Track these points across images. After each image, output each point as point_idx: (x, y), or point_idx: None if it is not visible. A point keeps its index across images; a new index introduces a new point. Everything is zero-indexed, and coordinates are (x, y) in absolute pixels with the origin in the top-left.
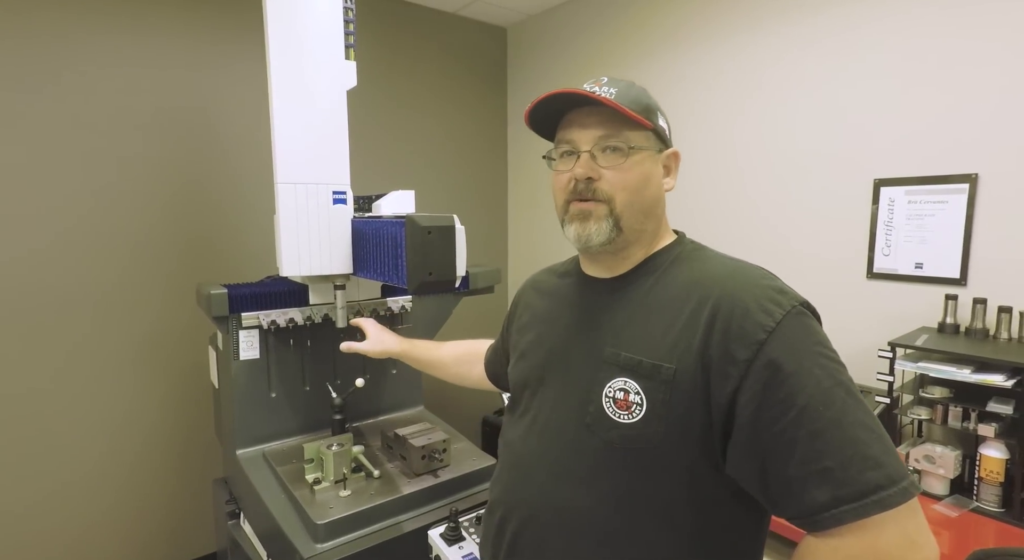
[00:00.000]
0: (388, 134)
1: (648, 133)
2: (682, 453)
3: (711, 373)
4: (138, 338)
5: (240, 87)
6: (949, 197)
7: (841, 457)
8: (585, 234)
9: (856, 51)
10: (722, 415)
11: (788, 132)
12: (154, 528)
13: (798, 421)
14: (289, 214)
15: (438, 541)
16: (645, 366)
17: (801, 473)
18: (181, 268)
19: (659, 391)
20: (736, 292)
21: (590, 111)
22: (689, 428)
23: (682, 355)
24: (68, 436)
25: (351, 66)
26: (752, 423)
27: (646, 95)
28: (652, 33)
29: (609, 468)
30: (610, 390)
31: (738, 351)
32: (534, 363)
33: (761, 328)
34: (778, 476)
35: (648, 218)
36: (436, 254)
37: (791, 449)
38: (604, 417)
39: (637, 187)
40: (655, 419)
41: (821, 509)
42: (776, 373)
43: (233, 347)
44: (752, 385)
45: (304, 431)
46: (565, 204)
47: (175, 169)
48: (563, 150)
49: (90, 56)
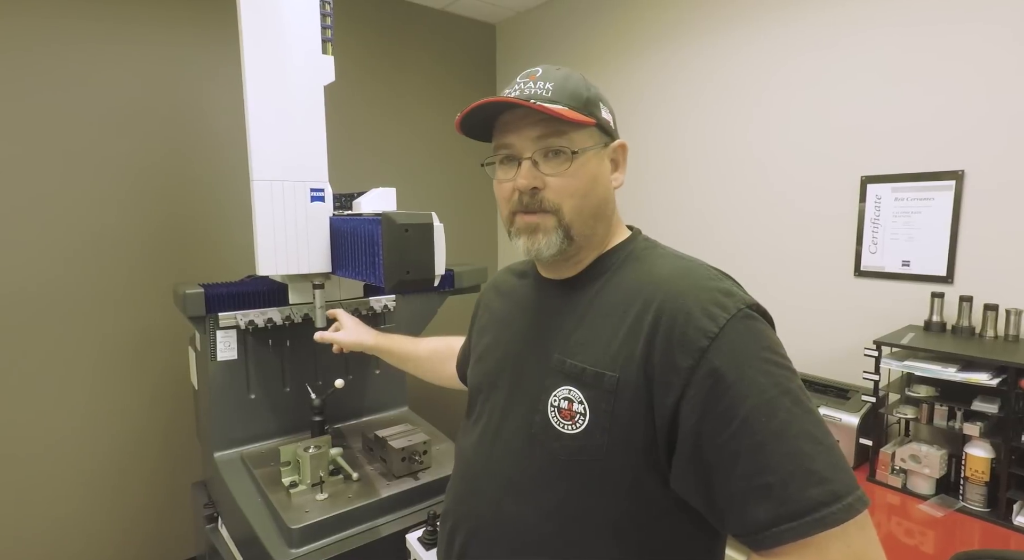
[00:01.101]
0: (373, 132)
1: (592, 130)
2: (626, 466)
3: (654, 383)
4: (119, 339)
5: (220, 84)
6: (935, 194)
7: (782, 472)
8: (535, 248)
9: (843, 48)
10: (665, 426)
11: (774, 129)
12: (133, 532)
13: (739, 434)
14: (265, 212)
15: (416, 545)
16: (589, 374)
17: (742, 488)
18: (163, 268)
19: (602, 401)
20: (680, 295)
21: (525, 111)
22: (633, 440)
23: (625, 363)
24: (45, 438)
25: (328, 61)
26: (695, 435)
27: (585, 86)
28: (642, 31)
29: (553, 481)
30: (555, 399)
31: (680, 359)
32: (488, 367)
33: (703, 334)
34: (721, 491)
35: (598, 221)
36: (414, 252)
37: (733, 463)
38: (549, 427)
39: (585, 192)
40: (598, 430)
41: (761, 528)
42: (718, 382)
43: (210, 348)
44: (694, 395)
45: (284, 433)
46: (511, 216)
47: (156, 168)
48: (502, 155)
49: (66, 54)
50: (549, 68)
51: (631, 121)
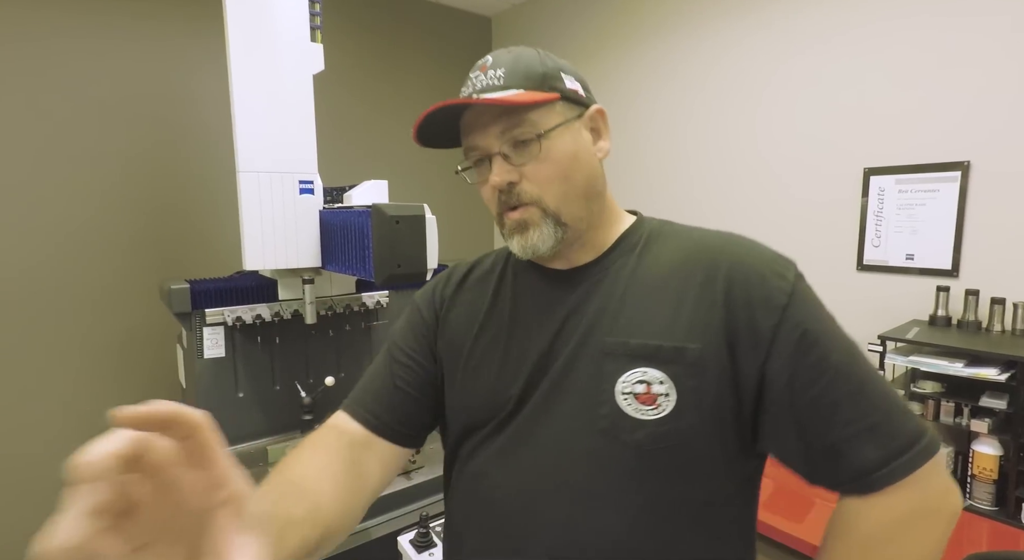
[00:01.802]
0: (366, 126)
1: (557, 105)
2: (717, 442)
3: (737, 348)
4: (105, 337)
5: (207, 75)
6: (940, 186)
7: (882, 411)
8: (530, 245)
9: (846, 39)
10: (752, 390)
11: (776, 122)
12: None
13: (836, 381)
14: (252, 204)
15: (408, 548)
16: (666, 350)
17: (848, 433)
18: (151, 264)
19: (688, 376)
20: (743, 260)
21: (483, 107)
22: (722, 412)
23: (704, 333)
24: (28, 439)
25: (318, 49)
26: (788, 392)
27: (539, 61)
28: (642, 22)
29: (639, 477)
30: (625, 385)
31: (763, 319)
32: (506, 377)
33: (781, 292)
34: (821, 442)
35: (590, 200)
36: (405, 245)
37: (833, 412)
38: (624, 417)
39: (565, 174)
40: (688, 409)
41: (874, 467)
42: (804, 336)
43: (197, 345)
44: (782, 352)
45: (274, 432)
46: (499, 217)
47: (142, 161)
48: (474, 158)
49: (46, 45)
50: (499, 53)
51: (630, 114)
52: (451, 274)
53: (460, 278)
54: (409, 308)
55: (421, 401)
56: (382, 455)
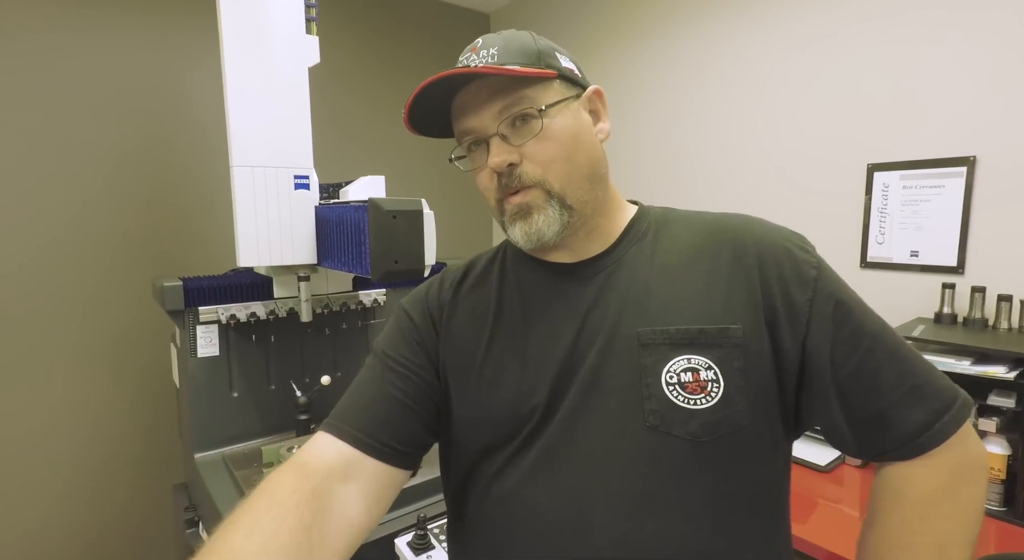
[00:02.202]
0: (363, 122)
1: (554, 83)
2: (764, 425)
3: (776, 326)
4: (97, 335)
5: (201, 70)
6: (946, 181)
7: (921, 372)
8: (535, 231)
9: (849, 33)
10: (794, 368)
11: (778, 117)
12: (111, 536)
13: (874, 348)
14: (246, 200)
15: (405, 550)
16: (709, 333)
17: (892, 399)
18: (144, 261)
19: (733, 358)
20: (767, 237)
21: (478, 87)
22: (767, 393)
23: (743, 312)
24: (18, 439)
25: (313, 41)
26: (830, 364)
27: (533, 40)
28: (642, 18)
29: (695, 472)
30: (671, 375)
31: (798, 294)
32: (528, 386)
33: (810, 266)
34: (867, 410)
35: (594, 182)
36: (402, 240)
37: (875, 379)
38: (675, 409)
39: (568, 153)
40: (735, 393)
41: (922, 429)
42: (838, 307)
43: (190, 344)
44: (819, 325)
45: (269, 432)
46: (498, 204)
47: (135, 157)
48: (468, 142)
49: (37, 38)
50: (489, 35)
51: (630, 111)
52: (443, 278)
53: (456, 281)
54: (395, 315)
55: (420, 415)
56: (370, 483)
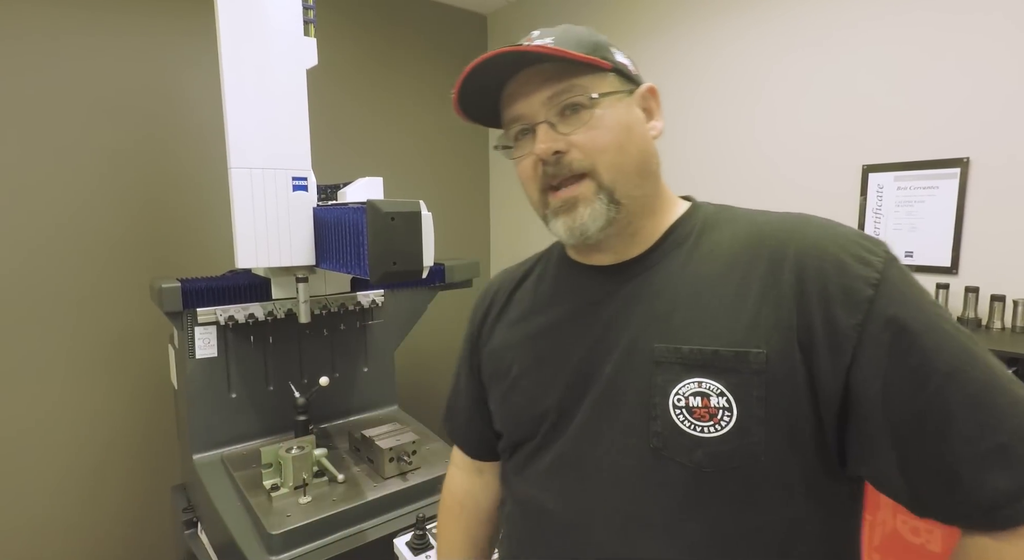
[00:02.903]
0: (361, 124)
1: (609, 75)
2: (791, 462)
3: (813, 351)
4: (95, 336)
5: (199, 71)
6: (940, 182)
7: (1013, 426)
8: (579, 225)
9: (844, 35)
10: (835, 401)
11: (775, 119)
12: (110, 537)
13: (945, 390)
14: (244, 201)
15: (404, 550)
16: (724, 356)
17: (967, 454)
18: (143, 262)
19: (752, 385)
20: (817, 244)
21: (529, 75)
22: (797, 427)
23: (769, 334)
24: (17, 440)
25: (311, 43)
26: (882, 403)
27: (591, 33)
28: (638, 20)
29: (701, 501)
30: (679, 398)
31: (844, 316)
32: (541, 390)
33: (865, 282)
34: (931, 465)
35: (644, 178)
36: (400, 242)
37: (946, 427)
38: (679, 434)
39: (619, 144)
40: (753, 424)
41: (1005, 500)
42: (900, 334)
43: (188, 345)
44: (871, 355)
45: (268, 434)
46: (542, 195)
47: (134, 158)
48: (515, 130)
49: (34, 39)
50: (547, 28)
51: None
52: (506, 278)
53: (516, 281)
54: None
55: (486, 415)
56: (490, 476)
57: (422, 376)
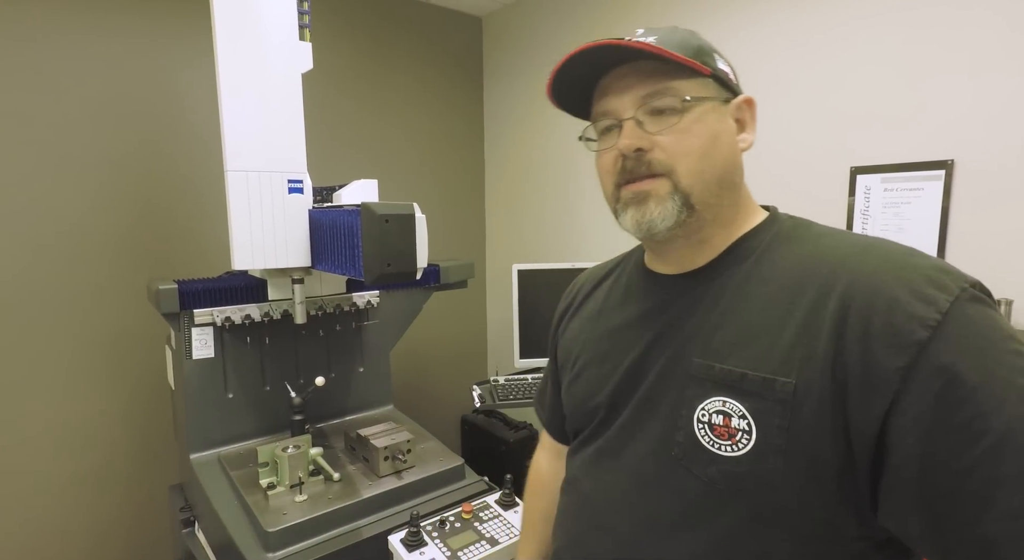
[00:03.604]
0: (356, 126)
1: (706, 81)
2: (811, 497)
3: (848, 389)
4: (92, 338)
5: (195, 73)
6: (925, 184)
7: None
8: (647, 220)
9: (832, 38)
10: (869, 445)
11: (764, 121)
12: (108, 537)
13: (998, 454)
14: (241, 204)
15: (398, 547)
16: (751, 381)
17: (1009, 531)
18: (139, 264)
19: (774, 414)
20: (874, 275)
21: (626, 70)
22: (820, 463)
23: (803, 365)
24: (15, 441)
25: (306, 47)
26: (920, 457)
27: (695, 36)
28: (632, 21)
29: (709, 515)
30: (703, 413)
31: (888, 357)
32: (595, 386)
33: (920, 323)
34: (966, 534)
35: (724, 189)
36: (394, 244)
37: (990, 494)
38: (698, 448)
39: (703, 150)
40: (770, 452)
41: None
42: (952, 385)
43: (185, 346)
44: (916, 403)
45: (264, 433)
46: (615, 189)
47: (130, 161)
48: (603, 125)
49: (30, 41)
50: (653, 27)
51: None
52: (589, 276)
53: (596, 280)
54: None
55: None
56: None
57: (417, 376)
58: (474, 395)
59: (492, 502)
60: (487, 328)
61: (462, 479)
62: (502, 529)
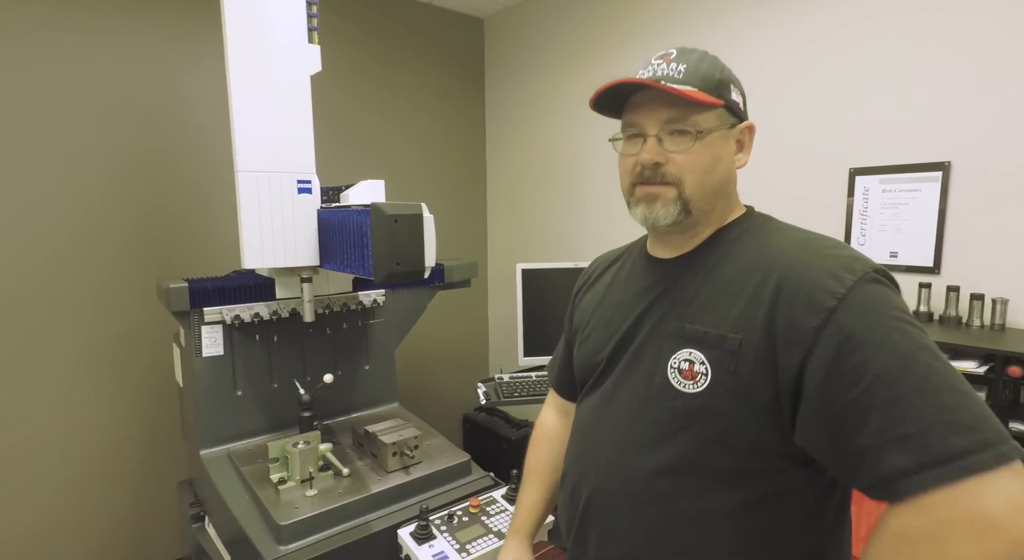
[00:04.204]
0: (361, 126)
1: (719, 111)
2: (747, 423)
3: (777, 343)
4: (101, 336)
5: (203, 75)
6: (922, 185)
7: (922, 423)
8: (652, 216)
9: (831, 41)
10: (790, 385)
11: (763, 123)
12: (118, 533)
13: (872, 388)
14: (251, 204)
15: (408, 540)
16: (710, 337)
17: (876, 441)
18: (146, 264)
19: (725, 361)
20: (803, 262)
21: (656, 96)
22: (755, 397)
23: (747, 326)
24: (26, 438)
25: (315, 50)
26: (821, 392)
27: (718, 67)
28: (632, 23)
29: (672, 437)
30: (675, 361)
31: (805, 320)
32: (599, 345)
33: (830, 295)
34: (850, 445)
35: (718, 198)
36: (403, 243)
37: (864, 417)
38: (668, 387)
39: (706, 169)
40: (720, 389)
41: (900, 475)
42: (847, 340)
43: (195, 344)
44: (821, 354)
45: (272, 430)
46: (631, 187)
47: (139, 161)
48: (629, 133)
49: (41, 43)
50: (684, 50)
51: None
52: (604, 258)
53: (609, 261)
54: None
55: (572, 364)
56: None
57: (419, 374)
58: (479, 392)
59: (498, 497)
60: (488, 327)
61: (468, 475)
62: (509, 523)
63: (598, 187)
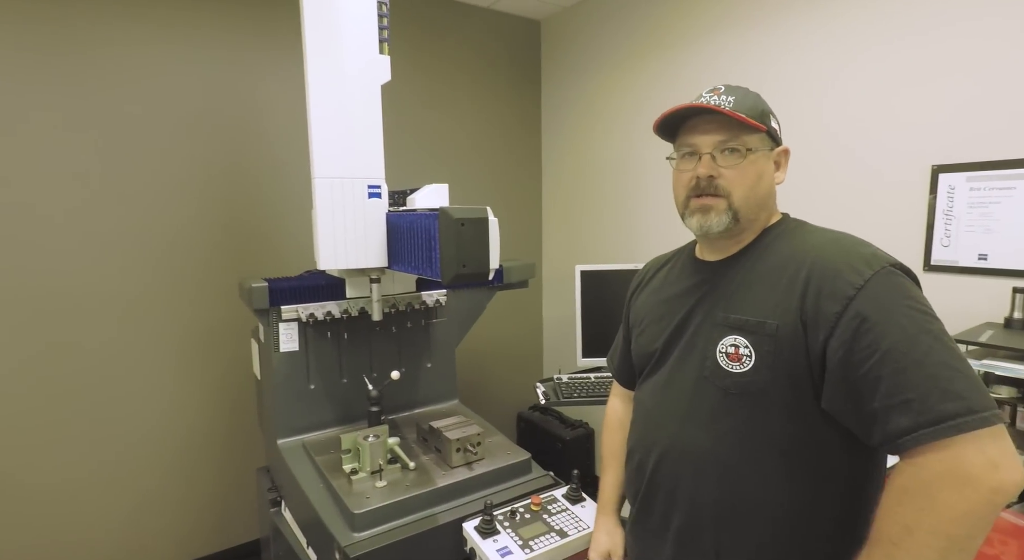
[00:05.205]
0: (422, 130)
1: (762, 135)
2: (786, 394)
3: (807, 327)
4: (192, 333)
5: (280, 85)
6: (1017, 182)
7: (921, 391)
8: (706, 225)
9: (912, 34)
10: (818, 361)
11: (841, 119)
12: (200, 513)
13: (882, 362)
14: (326, 208)
15: (473, 534)
16: (752, 323)
17: (884, 405)
18: (225, 263)
19: (765, 344)
20: (829, 258)
21: (710, 118)
22: (792, 373)
23: (783, 313)
24: (119, 424)
25: (385, 60)
26: (842, 366)
27: (760, 101)
28: (693, 22)
29: (725, 411)
30: (723, 346)
31: (829, 307)
32: (656, 336)
33: (850, 285)
34: (865, 408)
35: (761, 209)
36: (469, 246)
37: (876, 386)
38: (719, 369)
39: (752, 184)
40: (763, 367)
41: (903, 433)
42: (862, 323)
43: (273, 339)
44: (841, 334)
45: (341, 422)
46: (686, 199)
47: (221, 171)
48: (684, 152)
49: (130, 58)
50: (730, 86)
51: None
52: (656, 261)
53: (660, 264)
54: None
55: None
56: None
57: (475, 373)
58: (538, 392)
59: (559, 497)
60: (543, 327)
61: (528, 473)
62: (571, 522)
63: (655, 193)
